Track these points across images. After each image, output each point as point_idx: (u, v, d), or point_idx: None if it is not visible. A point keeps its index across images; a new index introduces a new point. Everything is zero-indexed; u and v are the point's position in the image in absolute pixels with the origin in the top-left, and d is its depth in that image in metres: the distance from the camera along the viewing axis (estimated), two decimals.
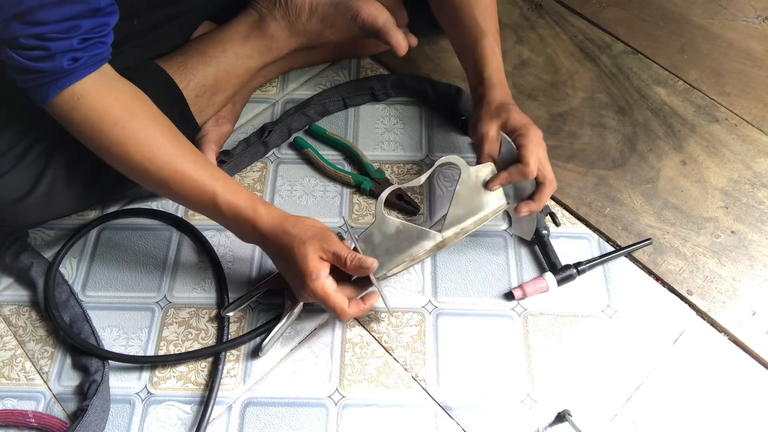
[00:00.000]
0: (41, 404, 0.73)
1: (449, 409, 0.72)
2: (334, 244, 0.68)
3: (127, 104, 0.66)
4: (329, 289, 0.68)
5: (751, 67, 1.01)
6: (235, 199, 0.69)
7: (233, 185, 0.70)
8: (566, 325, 0.77)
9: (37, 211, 0.76)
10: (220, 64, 0.83)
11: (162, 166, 0.67)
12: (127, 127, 0.65)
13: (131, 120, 0.66)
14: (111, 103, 0.65)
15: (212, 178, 0.69)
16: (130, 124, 0.65)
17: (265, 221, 0.69)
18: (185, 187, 0.68)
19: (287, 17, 0.85)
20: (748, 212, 0.86)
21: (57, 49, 0.59)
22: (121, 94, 0.66)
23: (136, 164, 0.67)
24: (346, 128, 0.95)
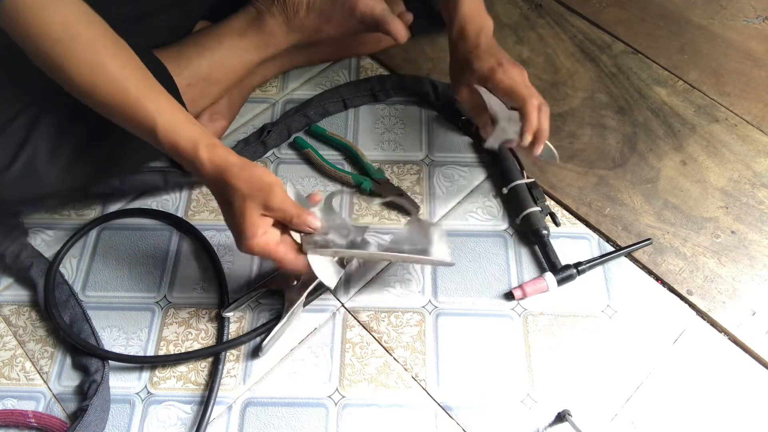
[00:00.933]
0: (41, 404, 0.73)
1: (449, 409, 0.72)
2: (278, 201, 0.64)
3: (70, 20, 0.61)
4: (267, 246, 0.65)
5: (751, 67, 1.01)
6: (176, 137, 0.63)
7: (178, 119, 0.64)
8: (566, 325, 0.77)
9: (16, 187, 0.73)
10: (214, 55, 0.83)
11: (105, 93, 0.63)
12: (68, 47, 0.61)
13: (73, 39, 0.61)
14: (51, 17, 0.60)
15: (155, 111, 0.63)
16: (71, 44, 0.61)
17: (206, 165, 0.64)
18: (128, 118, 0.64)
19: (285, 13, 0.85)
20: (748, 212, 0.86)
21: None
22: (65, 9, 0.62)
23: (79, 88, 0.63)
24: (346, 128, 0.95)
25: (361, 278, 0.81)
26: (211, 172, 0.64)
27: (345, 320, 0.78)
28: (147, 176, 0.86)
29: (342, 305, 0.79)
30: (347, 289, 0.80)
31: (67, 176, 0.75)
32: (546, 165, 0.87)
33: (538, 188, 0.85)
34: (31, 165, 0.71)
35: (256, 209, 0.64)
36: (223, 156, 0.64)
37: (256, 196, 0.63)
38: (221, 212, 0.68)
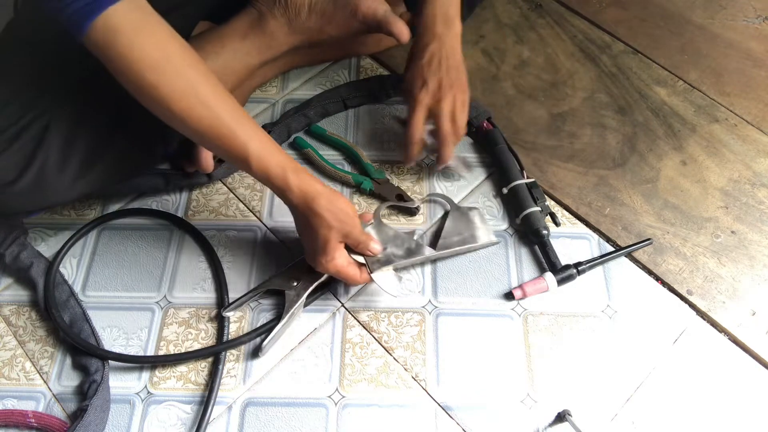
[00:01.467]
0: (41, 404, 0.73)
1: (449, 409, 0.72)
2: (356, 234, 0.71)
3: (165, 46, 0.63)
4: (341, 267, 0.72)
5: (751, 67, 1.01)
6: (268, 164, 0.67)
7: (268, 147, 0.68)
8: (566, 325, 0.77)
9: (26, 198, 0.74)
10: (218, 59, 0.83)
11: (199, 118, 0.65)
12: (164, 72, 0.63)
13: (168, 65, 0.63)
14: (146, 42, 0.62)
15: (248, 137, 0.66)
16: (167, 69, 0.63)
17: (294, 193, 0.68)
18: (220, 142, 0.67)
19: (287, 15, 0.85)
20: (748, 212, 0.86)
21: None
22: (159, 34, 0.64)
23: (173, 114, 0.65)
24: (346, 128, 0.95)
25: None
26: (299, 198, 0.69)
27: (345, 320, 0.78)
28: (148, 178, 0.86)
29: (342, 305, 0.79)
30: (347, 289, 0.80)
31: (76, 185, 0.76)
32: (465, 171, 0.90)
33: (538, 188, 0.85)
34: (40, 175, 0.72)
35: (337, 237, 0.70)
36: (310, 183, 0.69)
37: (340, 228, 0.70)
38: (300, 231, 0.74)
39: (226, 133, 0.66)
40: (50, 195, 0.75)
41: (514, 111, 0.96)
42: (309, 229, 0.71)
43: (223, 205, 0.88)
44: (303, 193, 0.68)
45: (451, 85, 0.81)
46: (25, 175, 0.71)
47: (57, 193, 0.75)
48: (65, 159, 0.73)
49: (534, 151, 0.92)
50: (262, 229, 0.86)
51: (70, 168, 0.74)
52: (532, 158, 0.91)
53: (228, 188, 0.89)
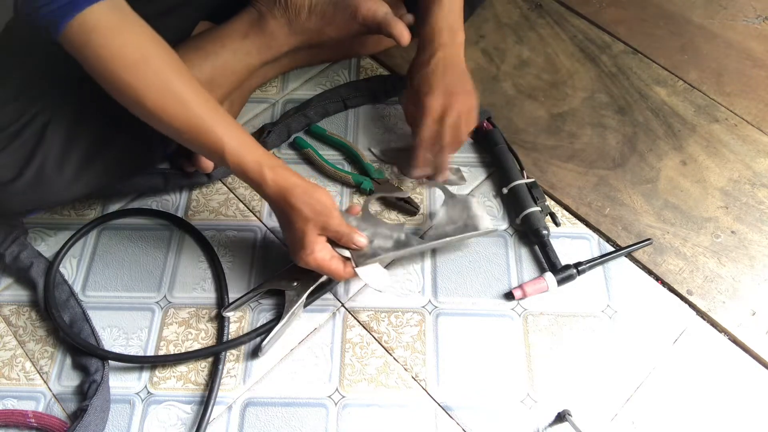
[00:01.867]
0: (41, 404, 0.73)
1: (449, 409, 0.72)
2: (335, 224, 0.70)
3: (142, 46, 0.64)
4: (323, 261, 0.71)
5: (751, 67, 1.01)
6: (243, 159, 0.68)
7: (244, 142, 0.68)
8: (566, 325, 0.77)
9: (25, 197, 0.74)
10: (217, 59, 0.83)
11: (175, 116, 0.66)
12: (140, 72, 0.64)
13: (145, 64, 0.64)
14: (124, 42, 0.63)
15: (223, 133, 0.67)
16: (143, 69, 0.64)
17: (270, 187, 0.68)
18: (197, 138, 0.67)
19: (287, 15, 0.85)
20: (748, 212, 0.86)
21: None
22: (136, 35, 0.64)
23: (148, 111, 0.66)
24: (346, 128, 0.95)
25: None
26: (275, 192, 0.69)
27: (345, 320, 0.78)
28: (148, 178, 0.86)
29: (342, 305, 0.79)
30: (347, 289, 0.80)
31: (76, 184, 0.76)
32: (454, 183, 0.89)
33: (538, 188, 0.85)
34: (40, 174, 0.72)
35: (315, 230, 0.70)
36: (286, 177, 0.69)
37: (317, 219, 0.69)
38: (280, 226, 0.73)
39: (201, 129, 0.66)
40: (49, 194, 0.75)
41: (514, 111, 0.96)
42: (287, 223, 0.71)
43: (223, 205, 0.88)
44: (278, 186, 0.68)
45: (459, 92, 0.81)
46: (25, 174, 0.71)
47: (56, 191, 0.75)
48: (65, 157, 0.73)
49: (534, 151, 0.92)
50: (262, 229, 0.86)
51: (69, 167, 0.74)
52: (532, 158, 0.91)
53: (228, 188, 0.89)
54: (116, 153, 0.77)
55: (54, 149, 0.72)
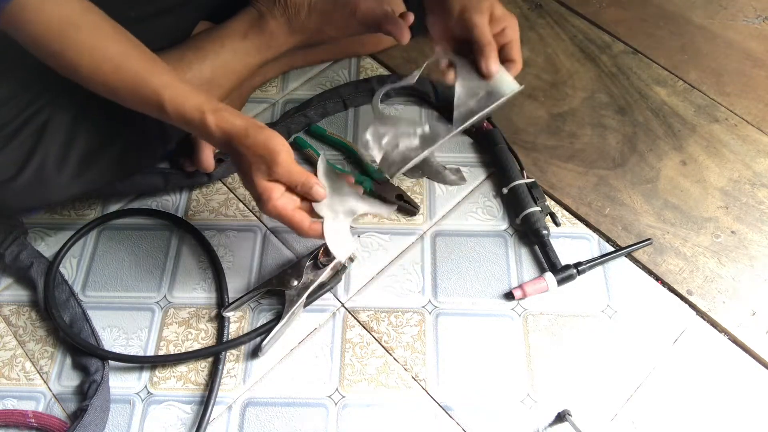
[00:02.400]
0: (41, 404, 0.73)
1: (449, 409, 0.72)
2: (280, 168, 0.63)
3: (70, 14, 0.63)
4: (283, 209, 0.65)
5: (751, 67, 1.01)
6: (183, 109, 0.64)
7: (182, 91, 0.65)
8: (566, 325, 0.77)
9: (25, 195, 0.74)
10: (217, 58, 0.83)
11: (109, 75, 0.64)
12: (70, 38, 0.63)
13: (74, 30, 0.63)
14: (51, 14, 0.62)
15: (160, 85, 0.64)
16: (73, 35, 0.63)
17: (215, 131, 0.64)
18: (135, 96, 0.66)
19: (286, 14, 0.85)
20: (748, 212, 0.86)
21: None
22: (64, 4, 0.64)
23: (85, 76, 0.65)
24: (346, 128, 0.95)
25: (361, 278, 0.81)
26: (220, 137, 0.64)
27: (345, 320, 0.78)
28: (148, 177, 0.86)
29: (342, 305, 0.79)
30: (347, 289, 0.80)
31: (76, 183, 0.76)
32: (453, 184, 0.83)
33: (538, 188, 0.85)
34: (40, 173, 0.72)
35: (261, 174, 0.64)
36: (229, 120, 0.64)
37: (260, 163, 0.63)
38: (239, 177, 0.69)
39: (138, 85, 0.64)
40: (49, 192, 0.75)
41: (514, 111, 0.96)
42: (238, 171, 0.67)
43: (223, 205, 0.88)
44: (223, 131, 0.64)
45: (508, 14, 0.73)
46: (24, 172, 0.71)
47: (56, 190, 0.75)
48: (64, 156, 0.73)
49: (534, 151, 0.92)
50: (262, 229, 0.86)
51: (69, 165, 0.74)
52: (532, 158, 0.91)
53: (228, 188, 0.89)
54: (116, 152, 0.76)
55: (53, 148, 0.72)
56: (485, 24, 0.70)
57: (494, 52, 0.70)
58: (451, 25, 0.72)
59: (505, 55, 0.73)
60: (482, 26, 0.70)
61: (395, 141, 0.66)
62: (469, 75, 0.71)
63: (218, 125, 0.64)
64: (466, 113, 0.69)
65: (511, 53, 0.72)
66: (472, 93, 0.71)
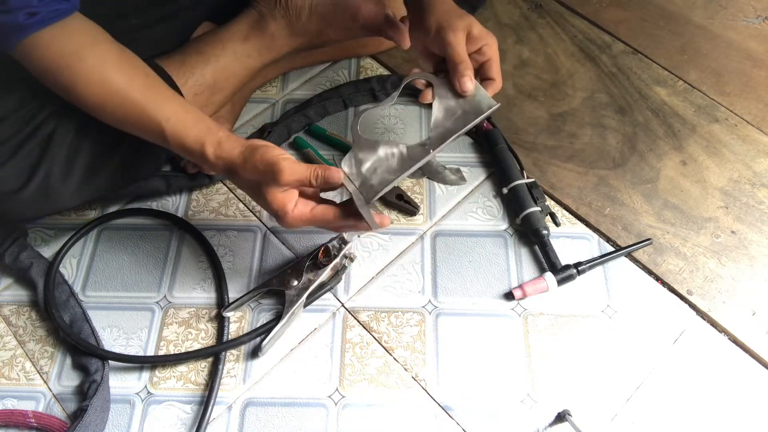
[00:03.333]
0: (41, 404, 0.73)
1: (449, 409, 0.72)
2: (287, 174, 0.63)
3: (77, 48, 0.66)
4: (304, 216, 0.66)
5: (751, 67, 1.01)
6: (184, 142, 0.66)
7: (182, 124, 0.66)
8: (566, 325, 0.77)
9: (32, 205, 0.75)
10: (219, 62, 0.83)
11: (116, 106, 0.67)
12: (76, 71, 0.65)
13: (81, 63, 0.65)
14: (61, 49, 0.65)
15: (162, 118, 0.66)
16: (79, 68, 0.65)
17: (217, 165, 0.66)
18: (138, 127, 0.67)
19: (287, 17, 0.85)
20: (748, 212, 0.86)
21: (16, 5, 0.60)
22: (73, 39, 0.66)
23: (92, 107, 0.67)
24: (346, 128, 0.95)
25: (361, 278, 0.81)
26: (223, 168, 0.66)
27: (345, 320, 0.78)
28: (149, 182, 0.86)
29: (342, 305, 0.79)
30: (347, 289, 0.80)
31: (81, 192, 0.77)
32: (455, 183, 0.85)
33: (538, 188, 0.85)
34: (46, 184, 0.73)
35: (273, 189, 0.64)
36: (228, 151, 0.65)
37: (267, 180, 0.64)
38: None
39: (141, 116, 0.66)
40: (55, 202, 0.76)
41: (514, 111, 0.96)
42: (251, 195, 0.68)
43: (223, 206, 0.88)
44: (224, 162, 0.65)
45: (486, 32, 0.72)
46: (31, 183, 0.72)
47: (62, 199, 0.76)
48: (70, 166, 0.74)
49: (534, 151, 0.92)
50: (262, 229, 0.86)
51: (74, 175, 0.75)
52: (532, 158, 0.91)
53: (228, 188, 0.89)
54: (119, 160, 0.77)
55: (59, 158, 0.73)
56: (460, 42, 0.70)
57: (468, 70, 0.70)
58: (428, 42, 0.73)
59: (484, 73, 0.73)
60: (456, 45, 0.70)
61: (374, 165, 0.67)
62: (445, 94, 0.71)
63: (218, 156, 0.65)
64: (443, 133, 0.69)
65: (489, 72, 0.73)
66: (449, 113, 0.70)
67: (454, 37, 0.70)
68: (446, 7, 0.73)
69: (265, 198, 0.65)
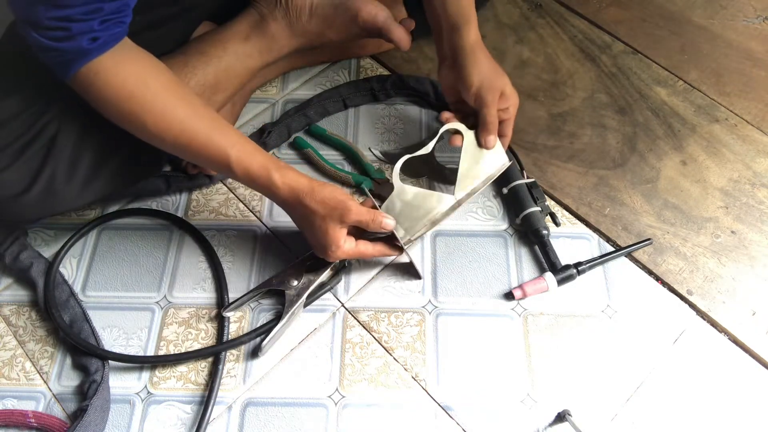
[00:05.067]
0: (41, 404, 0.73)
1: (449, 409, 0.72)
2: (353, 215, 0.70)
3: (141, 76, 0.67)
4: (351, 251, 0.73)
5: (751, 67, 1.01)
6: (249, 167, 0.69)
7: (248, 151, 0.70)
8: (566, 325, 0.77)
9: (36, 207, 0.75)
10: (220, 63, 0.83)
11: (178, 134, 0.68)
12: (141, 99, 0.66)
13: (145, 91, 0.66)
14: (125, 76, 0.65)
15: (227, 145, 0.69)
16: (143, 96, 0.66)
17: (281, 189, 0.70)
18: (201, 154, 0.69)
19: (288, 17, 0.85)
20: (748, 212, 0.86)
21: (78, 30, 0.60)
22: (135, 66, 0.67)
23: (152, 134, 0.68)
24: (346, 128, 0.95)
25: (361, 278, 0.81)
26: (287, 194, 0.70)
27: (345, 320, 0.78)
28: (150, 182, 0.86)
29: (342, 305, 0.79)
30: (347, 289, 0.80)
31: (84, 193, 0.77)
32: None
33: (538, 188, 0.85)
34: (49, 186, 0.73)
35: (335, 225, 0.70)
36: (295, 179, 0.70)
37: (334, 215, 0.70)
38: (300, 228, 0.75)
39: (204, 144, 0.69)
40: (59, 203, 0.76)
41: None
42: (306, 225, 0.72)
43: (223, 205, 0.88)
44: (290, 189, 0.70)
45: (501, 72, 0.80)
46: (35, 186, 0.72)
47: (66, 201, 0.77)
48: (74, 168, 0.74)
49: (534, 151, 0.92)
50: (262, 229, 0.86)
51: (78, 177, 0.75)
52: (532, 158, 0.91)
53: (228, 188, 0.89)
54: (122, 160, 0.77)
55: (63, 161, 0.73)
56: (495, 103, 0.78)
57: (495, 130, 0.80)
58: (466, 94, 0.79)
59: (501, 130, 0.82)
60: (492, 106, 0.78)
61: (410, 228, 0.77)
62: (471, 142, 0.81)
63: (285, 183, 0.70)
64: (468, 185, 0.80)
65: (506, 129, 0.82)
66: (474, 161, 0.81)
67: (492, 99, 0.78)
68: (489, 65, 0.79)
69: (324, 231, 0.71)
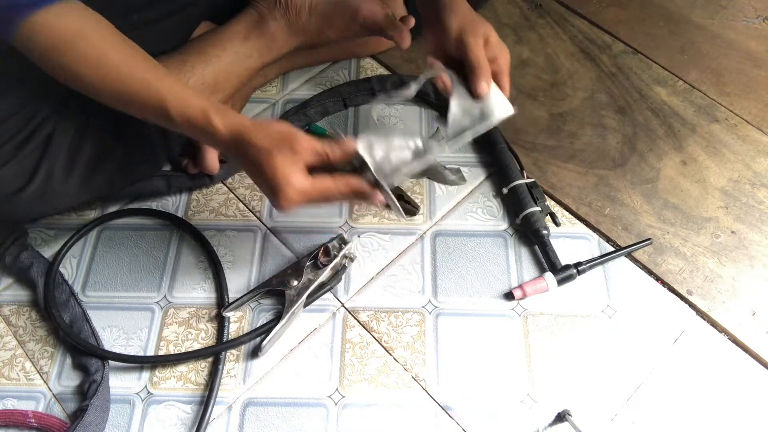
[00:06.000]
0: (41, 404, 0.73)
1: (449, 409, 0.72)
2: (305, 142, 0.63)
3: (80, 28, 0.64)
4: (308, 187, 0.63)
5: (751, 67, 1.01)
6: (187, 110, 0.64)
7: (185, 95, 0.65)
8: (566, 325, 0.77)
9: (34, 205, 0.75)
10: (220, 62, 0.83)
11: (113, 83, 0.65)
12: (75, 48, 0.64)
13: (80, 41, 0.64)
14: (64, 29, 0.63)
15: (164, 91, 0.64)
16: (78, 45, 0.64)
17: (222, 131, 0.63)
18: (138, 102, 0.66)
19: (287, 16, 0.85)
20: (748, 212, 0.86)
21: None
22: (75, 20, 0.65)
23: (88, 84, 0.65)
24: (346, 128, 0.95)
25: (361, 278, 0.81)
26: (228, 136, 0.63)
27: (345, 320, 0.78)
28: (150, 182, 0.86)
29: (342, 305, 0.79)
30: (347, 289, 0.80)
31: (82, 190, 0.77)
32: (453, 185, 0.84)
33: (538, 188, 0.85)
34: (47, 184, 0.73)
35: (284, 159, 0.62)
36: (236, 119, 0.64)
37: (283, 147, 0.62)
38: (249, 176, 0.67)
39: (140, 92, 0.64)
40: (56, 202, 0.76)
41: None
42: (252, 167, 0.64)
43: (223, 206, 0.88)
44: (231, 129, 0.63)
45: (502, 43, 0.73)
46: (32, 184, 0.72)
47: (63, 199, 0.76)
48: (71, 165, 0.74)
49: (534, 151, 0.92)
50: (262, 229, 0.86)
51: (75, 175, 0.75)
52: (532, 158, 0.91)
53: (228, 188, 0.89)
54: (120, 159, 0.77)
55: (59, 159, 0.73)
56: (480, 46, 0.70)
57: (486, 74, 0.70)
58: (448, 44, 0.72)
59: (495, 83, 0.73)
60: (477, 49, 0.70)
61: (387, 153, 0.66)
62: (463, 94, 0.71)
63: (225, 124, 0.63)
64: (458, 131, 0.70)
65: (500, 82, 0.73)
66: (466, 112, 0.71)
67: (474, 41, 0.70)
68: (466, 11, 0.73)
69: (272, 168, 0.62)
